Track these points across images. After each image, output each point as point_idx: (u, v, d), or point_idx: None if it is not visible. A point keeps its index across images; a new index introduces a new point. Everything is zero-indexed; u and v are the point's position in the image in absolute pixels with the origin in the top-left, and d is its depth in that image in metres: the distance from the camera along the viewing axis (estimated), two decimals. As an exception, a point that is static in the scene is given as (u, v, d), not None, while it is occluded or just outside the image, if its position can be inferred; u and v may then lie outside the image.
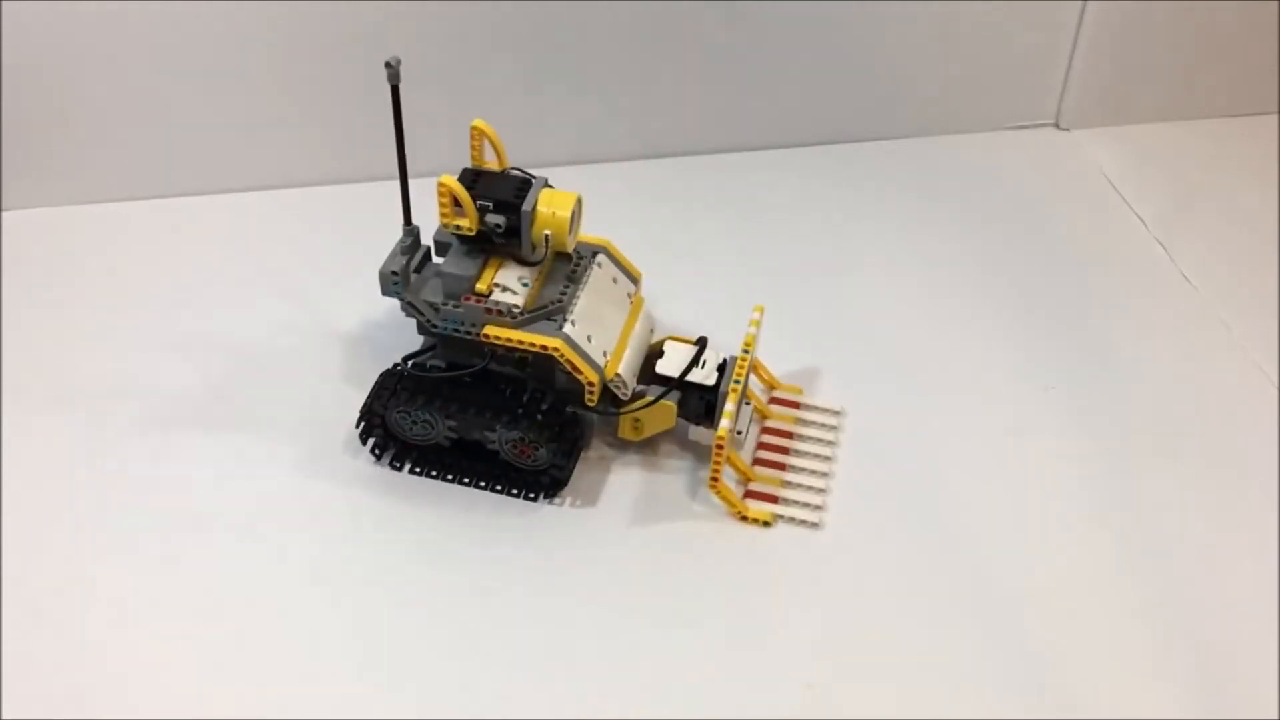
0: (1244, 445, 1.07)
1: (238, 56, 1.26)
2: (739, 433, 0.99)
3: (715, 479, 0.98)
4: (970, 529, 1.00)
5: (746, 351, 1.00)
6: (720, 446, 0.96)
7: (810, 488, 1.02)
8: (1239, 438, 1.08)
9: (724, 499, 0.99)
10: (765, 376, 1.10)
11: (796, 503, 1.01)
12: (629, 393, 0.99)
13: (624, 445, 1.05)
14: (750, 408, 1.04)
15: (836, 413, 1.09)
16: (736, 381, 0.98)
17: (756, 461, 1.04)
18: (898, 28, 1.37)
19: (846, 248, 1.29)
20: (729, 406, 0.96)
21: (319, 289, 1.20)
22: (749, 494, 1.01)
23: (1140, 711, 0.88)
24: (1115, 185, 1.39)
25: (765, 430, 1.07)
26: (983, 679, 0.90)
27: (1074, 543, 0.99)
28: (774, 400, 1.09)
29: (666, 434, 1.03)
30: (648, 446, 1.05)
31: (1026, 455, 1.06)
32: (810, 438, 1.06)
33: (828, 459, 1.04)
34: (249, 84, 1.28)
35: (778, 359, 1.11)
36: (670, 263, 1.17)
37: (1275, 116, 1.49)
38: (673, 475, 1.03)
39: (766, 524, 0.99)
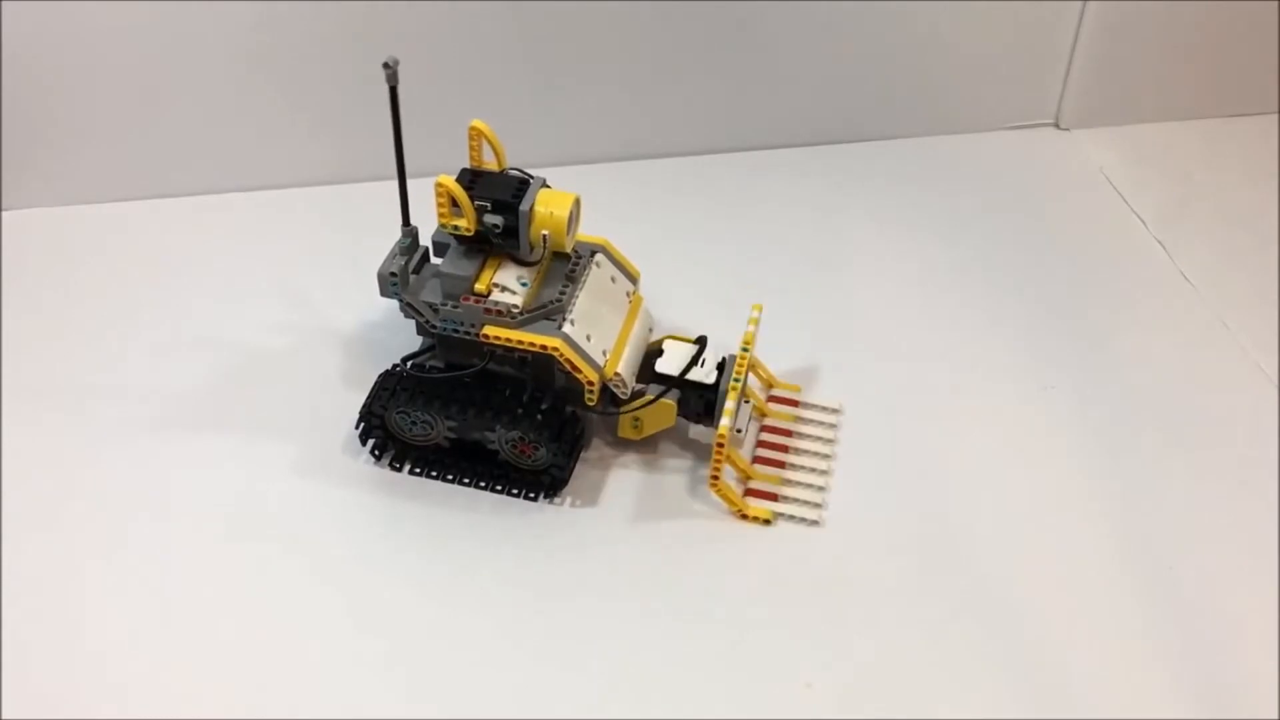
0: (1244, 445, 1.07)
1: (237, 56, 1.26)
2: (739, 431, 0.99)
3: (715, 477, 0.98)
4: (970, 528, 1.00)
5: (746, 350, 1.00)
6: (721, 445, 0.96)
7: (810, 485, 1.02)
8: (1239, 437, 1.08)
9: (724, 497, 0.99)
10: (764, 375, 1.10)
11: (797, 500, 1.01)
12: (628, 392, 0.99)
13: (624, 445, 1.05)
14: (750, 406, 1.04)
15: (835, 410, 1.09)
16: (736, 379, 0.98)
17: (756, 460, 1.04)
18: (897, 28, 1.37)
19: (846, 248, 1.29)
20: (729, 404, 0.96)
21: (319, 289, 1.20)
22: (749, 492, 1.01)
23: (1140, 711, 0.88)
24: (1115, 185, 1.39)
25: (765, 429, 1.07)
26: (983, 678, 0.90)
27: (1074, 542, 0.99)
28: (772, 399, 1.09)
29: (666, 433, 1.03)
30: (648, 446, 1.05)
31: (1026, 455, 1.06)
32: (810, 435, 1.06)
33: (827, 457, 1.04)
34: (249, 84, 1.28)
35: (778, 358, 1.11)
36: (669, 262, 1.16)
37: (1275, 116, 1.49)
38: (673, 475, 1.03)
39: (767, 522, 0.99)
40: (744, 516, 0.99)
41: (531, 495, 1.01)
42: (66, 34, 1.21)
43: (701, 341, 1.02)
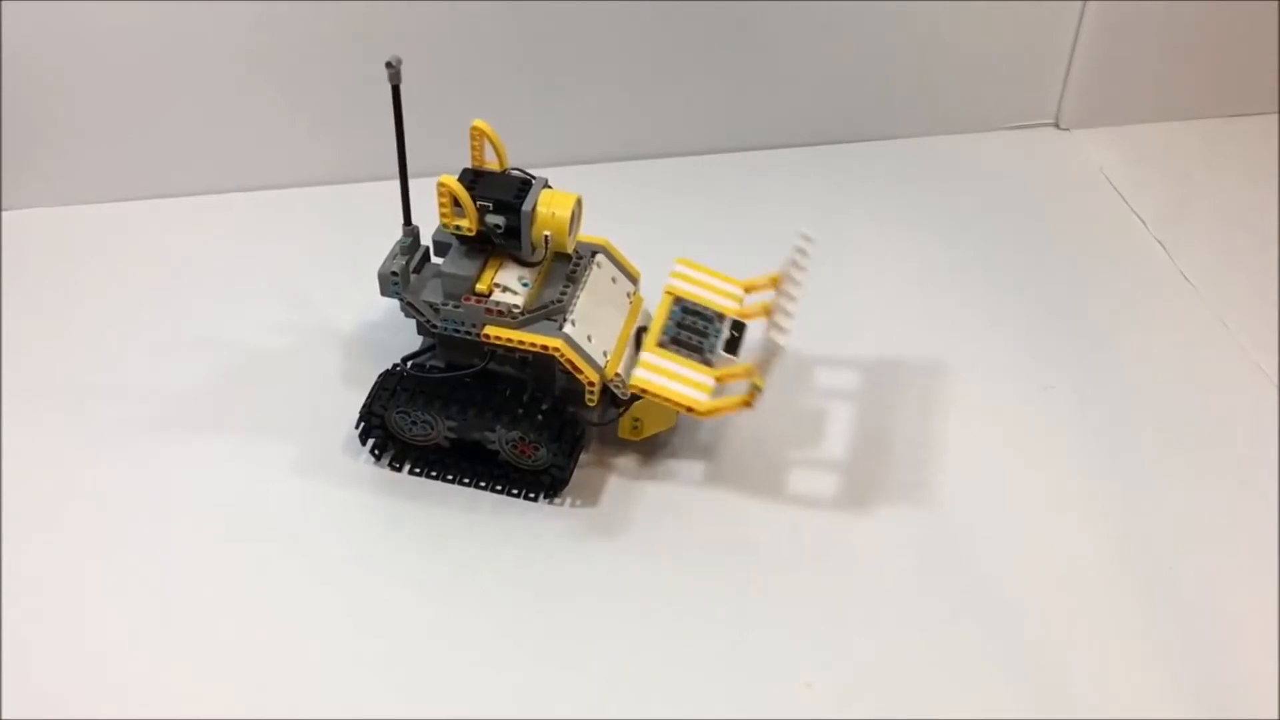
0: (1244, 445, 1.07)
1: (237, 56, 1.26)
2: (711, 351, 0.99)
3: (690, 409, 0.96)
4: (970, 528, 1.00)
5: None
6: (645, 392, 0.96)
7: (775, 322, 0.98)
8: (1239, 437, 1.08)
9: (717, 412, 0.97)
10: (732, 291, 1.08)
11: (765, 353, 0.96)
12: (628, 392, 0.99)
13: (624, 445, 1.05)
14: (723, 324, 1.03)
15: (805, 239, 1.05)
16: (643, 327, 1.00)
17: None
18: (897, 28, 1.37)
19: (846, 249, 1.29)
20: (643, 355, 0.98)
21: (319, 289, 1.20)
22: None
23: (1140, 711, 0.88)
24: (1115, 185, 1.39)
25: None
26: (983, 678, 0.90)
27: (1074, 542, 0.99)
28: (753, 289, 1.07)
29: (666, 433, 1.03)
30: (648, 446, 1.05)
31: (1026, 455, 1.06)
32: (782, 291, 1.03)
33: (797, 284, 1.01)
34: (248, 84, 1.28)
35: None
36: (669, 262, 1.16)
37: (1275, 116, 1.49)
38: (673, 474, 1.03)
39: (755, 388, 0.95)
40: (747, 404, 0.96)
41: (531, 495, 1.01)
42: (66, 34, 1.21)
43: (637, 334, 1.03)
